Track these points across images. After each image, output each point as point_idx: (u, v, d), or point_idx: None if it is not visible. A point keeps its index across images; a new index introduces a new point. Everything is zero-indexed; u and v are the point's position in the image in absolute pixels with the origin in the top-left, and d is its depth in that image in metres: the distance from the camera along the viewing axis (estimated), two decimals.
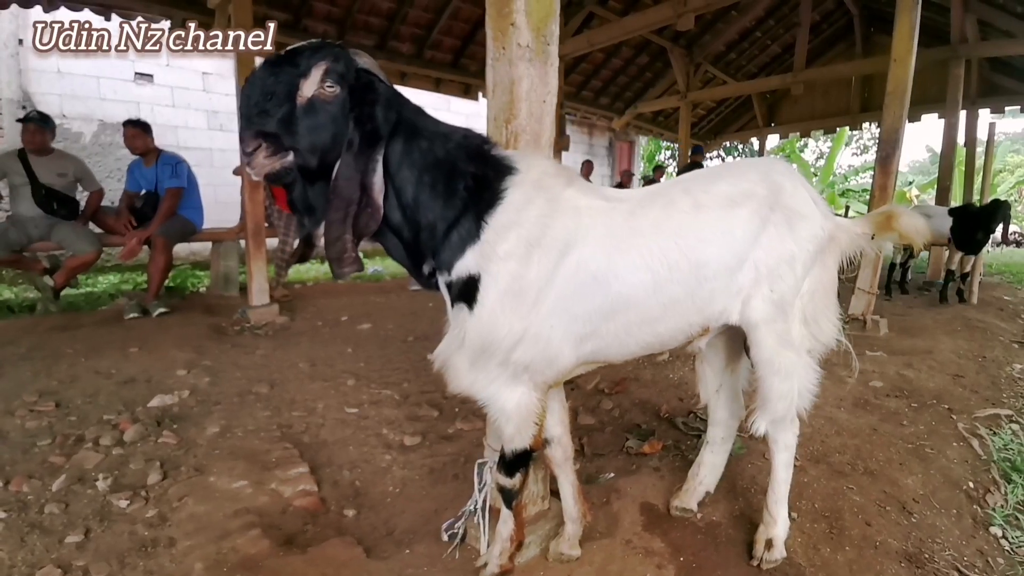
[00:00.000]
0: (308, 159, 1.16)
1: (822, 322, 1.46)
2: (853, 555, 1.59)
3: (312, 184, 1.21)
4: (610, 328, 1.29)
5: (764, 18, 9.17)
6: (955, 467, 2.10)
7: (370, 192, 1.16)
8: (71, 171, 4.30)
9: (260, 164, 1.12)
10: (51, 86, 6.60)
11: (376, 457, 2.28)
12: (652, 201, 1.33)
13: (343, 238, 1.14)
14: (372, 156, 1.16)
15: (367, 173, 1.15)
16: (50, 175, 4.16)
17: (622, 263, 1.25)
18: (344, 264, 1.16)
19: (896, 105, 4.15)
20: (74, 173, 4.33)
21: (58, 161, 4.25)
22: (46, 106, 6.57)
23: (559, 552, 1.55)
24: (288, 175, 1.18)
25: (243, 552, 1.56)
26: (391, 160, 1.21)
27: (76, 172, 4.35)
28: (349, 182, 1.14)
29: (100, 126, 6.90)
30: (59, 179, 4.20)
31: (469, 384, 1.28)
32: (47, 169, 4.15)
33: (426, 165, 1.22)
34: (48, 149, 4.21)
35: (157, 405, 2.60)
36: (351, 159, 1.15)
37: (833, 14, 9.46)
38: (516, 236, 1.19)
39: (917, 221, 1.41)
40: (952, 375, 3.15)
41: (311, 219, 1.24)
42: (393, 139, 1.21)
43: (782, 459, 1.54)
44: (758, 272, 1.36)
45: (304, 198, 1.23)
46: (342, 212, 1.14)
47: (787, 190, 1.38)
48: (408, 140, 1.22)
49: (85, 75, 6.79)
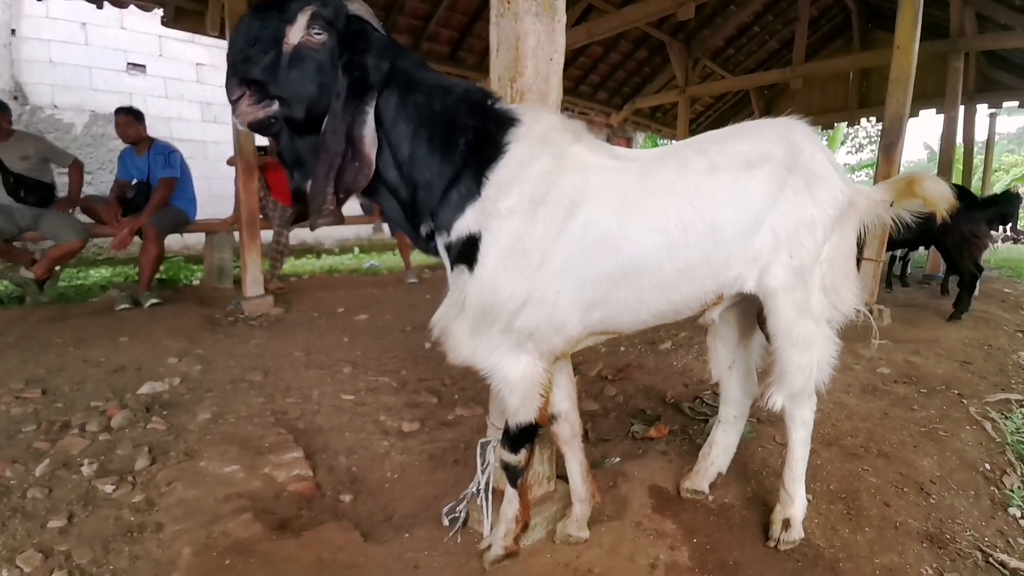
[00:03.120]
0: (295, 110, 1.10)
1: (841, 291, 1.39)
2: (873, 535, 1.52)
3: (301, 136, 1.15)
4: (621, 295, 1.22)
5: (762, 13, 9.14)
6: (970, 449, 2.04)
7: (359, 145, 1.09)
8: (34, 152, 4.10)
9: (244, 112, 1.07)
10: (43, 76, 6.48)
11: (373, 443, 2.22)
12: (665, 161, 1.26)
13: (324, 191, 1.08)
14: (360, 107, 1.09)
15: (355, 125, 1.09)
16: (13, 160, 3.98)
17: (634, 224, 1.18)
18: (322, 215, 1.10)
19: (900, 92, 4.11)
20: (38, 153, 4.13)
21: (18, 144, 4.05)
22: (38, 96, 6.48)
23: (567, 534, 1.48)
24: (273, 125, 1.12)
25: (234, 536, 1.49)
26: (385, 113, 1.14)
27: (40, 151, 4.15)
28: (336, 134, 1.08)
29: (92, 117, 6.78)
30: (23, 163, 4.02)
31: (470, 353, 1.21)
32: (9, 154, 3.97)
33: (423, 119, 1.15)
34: (6, 133, 4.01)
35: (147, 392, 2.53)
36: (339, 109, 1.09)
37: (831, 10, 9.44)
38: (519, 192, 1.12)
39: (941, 186, 1.35)
40: (960, 362, 3.10)
41: (300, 173, 1.17)
42: (387, 91, 1.14)
43: (799, 436, 1.48)
44: (776, 237, 1.29)
45: (292, 151, 1.16)
46: (327, 166, 1.08)
47: (806, 152, 1.31)
48: (404, 92, 1.15)
49: (77, 65, 6.67)
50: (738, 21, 8.78)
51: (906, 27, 4.07)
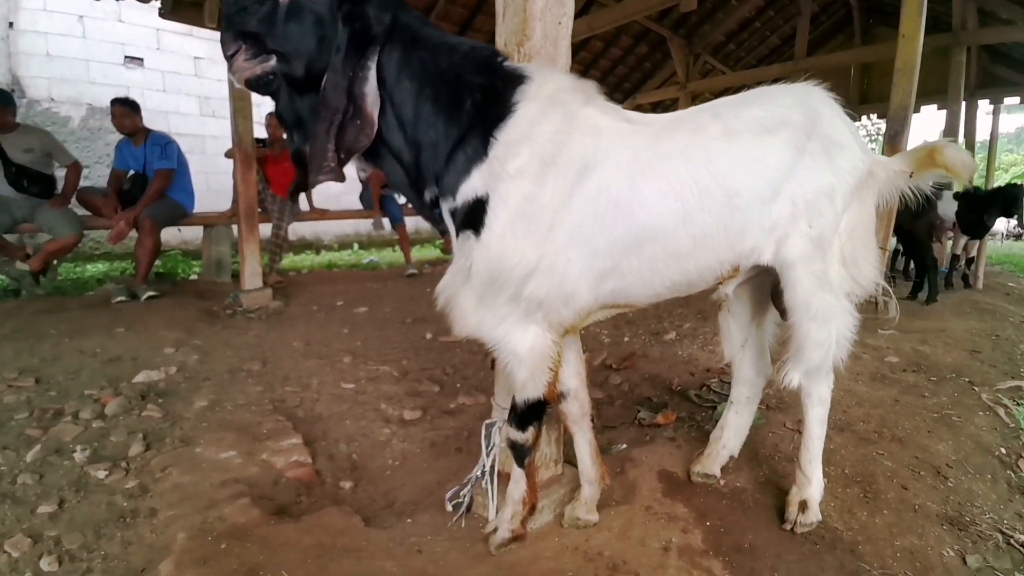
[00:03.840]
0: (294, 66, 1.05)
1: (861, 263, 1.34)
2: (892, 518, 1.48)
3: (301, 95, 1.10)
4: (633, 264, 1.17)
5: (764, 8, 9.11)
6: (985, 434, 2.00)
7: (360, 103, 1.04)
8: (38, 145, 4.09)
9: (240, 68, 1.02)
10: (40, 69, 6.43)
11: (374, 431, 2.17)
12: (679, 125, 1.21)
13: (325, 147, 1.03)
14: (362, 62, 1.04)
15: (356, 81, 1.04)
16: (17, 152, 3.97)
17: (647, 189, 1.13)
18: (321, 171, 1.04)
19: (905, 82, 4.07)
20: (42, 147, 4.12)
21: (23, 136, 4.05)
22: (35, 90, 6.42)
23: (575, 517, 1.43)
24: (272, 83, 1.07)
25: (231, 521, 1.44)
26: (387, 70, 1.09)
27: (44, 145, 4.15)
28: (336, 90, 1.03)
29: (89, 110, 6.72)
30: (26, 155, 4.01)
31: (477, 323, 1.16)
32: (13, 146, 3.96)
33: (427, 76, 1.10)
34: (11, 125, 4.01)
35: (142, 381, 2.48)
36: (338, 64, 1.03)
37: (832, 5, 9.42)
38: (529, 152, 1.07)
39: (964, 155, 1.30)
40: (968, 351, 3.05)
41: (300, 134, 1.13)
42: (389, 46, 1.09)
43: (816, 414, 1.42)
44: (795, 206, 1.24)
45: (292, 111, 1.12)
46: (327, 123, 1.03)
47: (825, 117, 1.26)
48: (407, 48, 1.10)
49: (74, 58, 6.61)
50: (739, 16, 8.74)
51: (911, 16, 4.03)
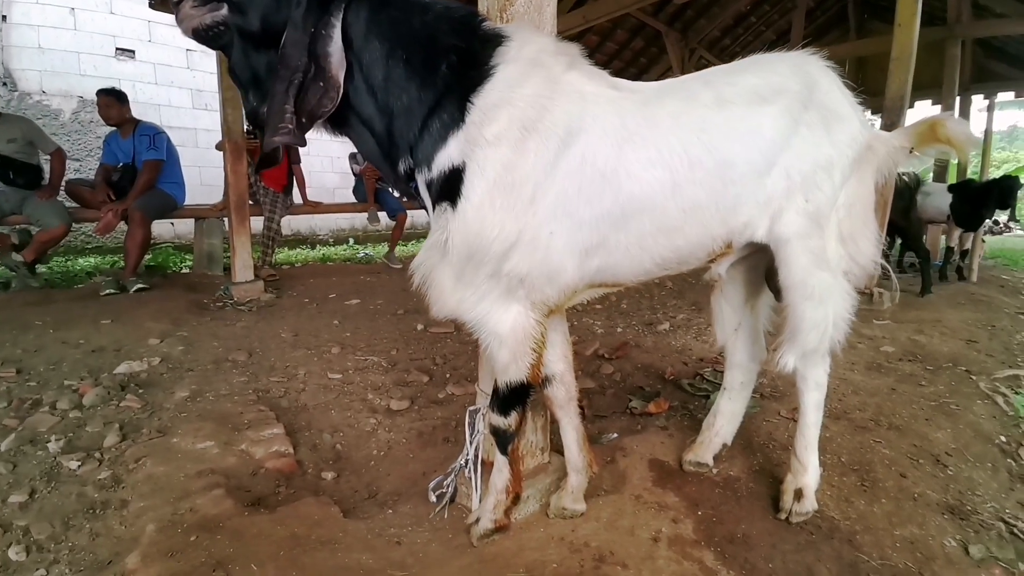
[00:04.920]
0: (248, 18, 0.98)
1: (860, 241, 1.28)
2: (891, 507, 1.43)
3: (257, 51, 1.03)
4: (620, 239, 1.11)
5: (759, 2, 9.05)
6: (984, 423, 1.95)
7: (323, 63, 0.97)
8: (20, 134, 4.03)
9: (187, 15, 0.96)
10: (32, 62, 6.34)
11: (360, 421, 2.12)
12: (669, 93, 1.16)
13: (283, 108, 0.96)
14: (325, 19, 0.97)
15: (319, 40, 0.97)
16: (0, 142, 3.91)
17: (635, 158, 1.07)
18: (277, 133, 0.97)
19: (901, 71, 4.03)
20: (24, 136, 4.06)
21: (5, 126, 3.99)
22: (26, 83, 6.34)
23: (561, 507, 1.38)
24: (223, 35, 1.01)
25: (202, 512, 1.38)
26: (355, 31, 1.02)
27: (26, 134, 4.09)
28: (295, 46, 0.96)
29: (80, 103, 6.63)
30: (10, 145, 3.95)
31: (456, 303, 1.10)
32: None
33: (399, 37, 1.03)
34: None
35: (124, 371, 2.42)
36: (298, 18, 0.96)
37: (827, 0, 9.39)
38: (507, 117, 1.01)
39: (965, 128, 1.25)
40: (965, 341, 3.01)
41: (256, 94, 1.06)
42: (356, 4, 1.02)
43: (812, 399, 1.37)
44: (790, 180, 1.18)
45: (247, 68, 1.04)
46: (286, 82, 0.96)
47: (823, 87, 1.21)
48: (376, 6, 1.04)
49: (65, 50, 6.53)
50: (734, 11, 8.68)
51: (907, 4, 4.00)
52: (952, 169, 9.13)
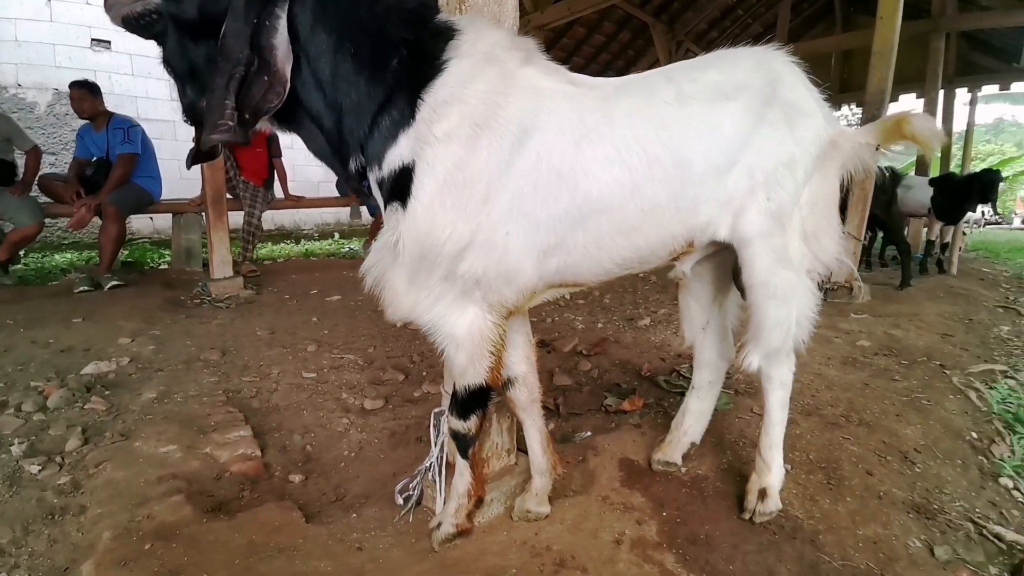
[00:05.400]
0: (183, 6, 0.94)
1: (823, 238, 1.27)
2: (855, 506, 1.42)
3: (195, 42, 0.99)
4: (579, 239, 1.09)
5: None
6: (955, 418, 1.96)
7: (268, 56, 0.93)
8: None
9: (116, 2, 0.91)
10: (9, 55, 6.21)
11: (332, 421, 2.09)
12: (629, 89, 1.13)
13: (223, 103, 0.92)
14: (269, 8, 0.93)
15: (263, 31, 0.92)
16: None
17: (592, 157, 1.04)
18: (216, 131, 0.92)
19: (883, 64, 4.03)
20: (2, 132, 3.99)
21: None
22: (2, 76, 6.21)
23: (525, 509, 1.36)
24: (155, 23, 0.97)
25: (159, 520, 1.35)
26: (301, 21, 0.98)
27: (3, 131, 4.01)
28: (236, 38, 0.91)
29: (55, 95, 6.50)
30: None
31: (410, 306, 1.07)
32: None
33: (347, 29, 0.99)
34: None
35: (91, 372, 2.37)
36: (239, 7, 0.91)
37: None
38: (459, 114, 0.97)
39: (931, 124, 1.23)
40: (940, 335, 3.03)
41: (193, 86, 1.02)
42: None
43: (776, 398, 1.36)
44: (753, 178, 1.16)
45: (183, 58, 1.00)
46: (227, 76, 0.92)
47: (786, 82, 1.18)
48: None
49: (41, 43, 6.41)
50: (721, 3, 8.67)
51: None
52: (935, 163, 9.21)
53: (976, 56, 8.52)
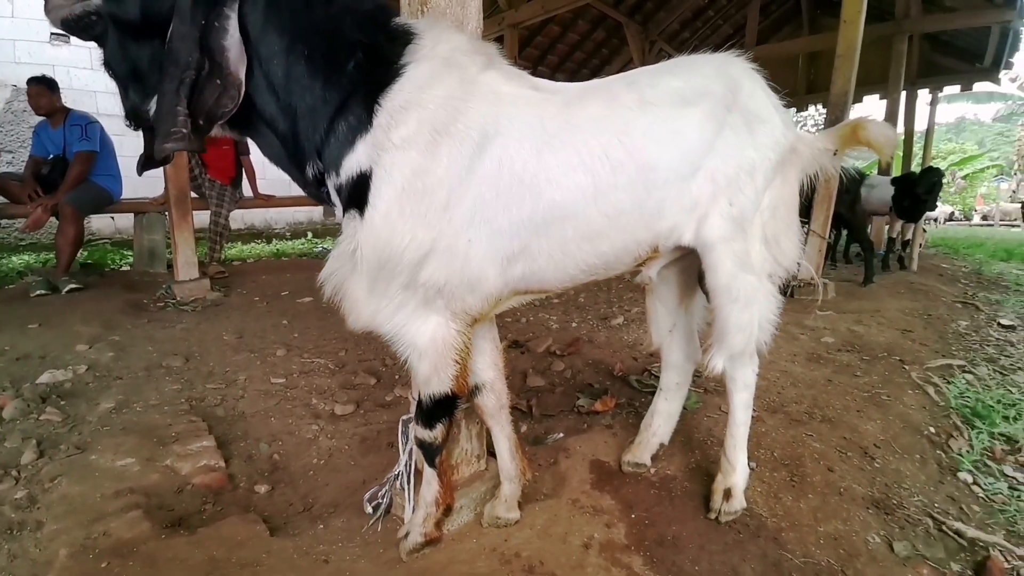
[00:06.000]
0: (125, 5, 0.90)
1: (783, 242, 1.29)
2: (817, 502, 1.46)
3: (138, 42, 0.94)
4: (543, 246, 1.08)
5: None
6: (913, 413, 2.02)
7: (219, 58, 0.90)
8: None
9: (56, 5, 0.87)
10: None
11: (301, 428, 2.05)
12: (591, 94, 1.12)
13: (174, 110, 0.88)
14: (218, 9, 0.89)
15: (213, 33, 0.89)
16: None
17: (555, 163, 1.04)
18: (170, 139, 0.89)
19: (846, 67, 4.13)
20: None
21: None
22: None
23: (495, 516, 1.36)
24: (95, 24, 0.92)
25: (116, 536, 1.30)
26: (251, 21, 0.95)
27: None
28: (184, 40, 0.88)
29: (14, 92, 6.28)
30: None
31: (371, 315, 1.05)
32: None
33: (299, 30, 0.96)
34: None
35: (46, 381, 2.27)
36: (186, 8, 0.88)
37: None
38: (417, 120, 0.96)
39: (887, 130, 1.27)
40: (901, 330, 3.13)
41: (136, 89, 0.97)
42: None
43: (741, 399, 1.38)
44: (715, 184, 1.18)
45: (124, 60, 0.96)
46: (176, 80, 0.88)
47: (746, 89, 1.20)
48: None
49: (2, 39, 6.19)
50: (693, 4, 8.77)
51: (852, 2, 4.09)
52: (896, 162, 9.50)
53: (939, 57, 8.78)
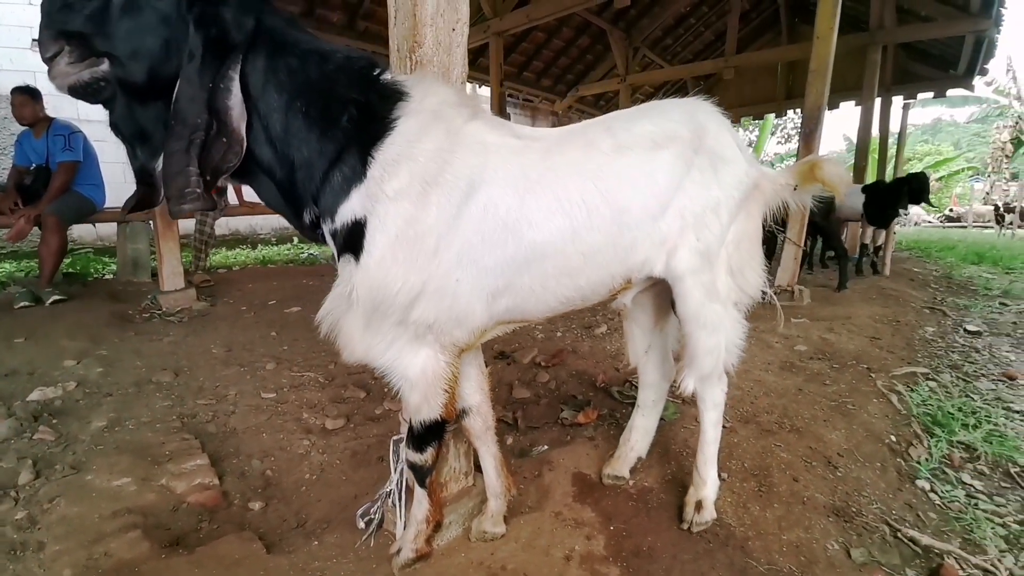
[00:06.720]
0: (132, 70, 0.95)
1: (747, 273, 1.40)
2: (782, 511, 1.56)
3: (143, 104, 0.99)
4: (525, 282, 1.16)
5: (698, 3, 9.36)
6: (876, 422, 2.14)
7: (224, 118, 0.96)
8: None
9: (62, 73, 0.91)
10: None
11: (293, 444, 2.10)
12: (570, 141, 1.21)
13: (186, 171, 0.94)
14: (223, 72, 0.95)
15: (217, 93, 0.95)
16: None
17: (536, 207, 1.12)
18: (185, 200, 0.95)
19: (819, 82, 4.27)
20: None
21: None
22: None
23: (482, 530, 1.44)
24: (103, 90, 0.96)
25: (117, 556, 1.36)
26: (252, 81, 1.01)
27: None
28: (193, 103, 0.93)
29: None
30: None
31: (365, 350, 1.12)
32: None
33: (297, 88, 1.03)
34: None
35: (37, 399, 2.29)
36: (194, 74, 0.93)
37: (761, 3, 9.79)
38: (408, 172, 1.03)
39: (840, 170, 1.37)
40: (870, 338, 3.27)
41: (144, 149, 1.02)
42: (253, 54, 1.01)
43: (711, 418, 1.49)
44: (684, 220, 1.27)
45: (131, 121, 1.01)
46: (185, 140, 0.94)
47: (711, 132, 1.30)
48: (273, 56, 1.02)
49: None
50: (675, 11, 8.94)
51: (825, 18, 4.24)
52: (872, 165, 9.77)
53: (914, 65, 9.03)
